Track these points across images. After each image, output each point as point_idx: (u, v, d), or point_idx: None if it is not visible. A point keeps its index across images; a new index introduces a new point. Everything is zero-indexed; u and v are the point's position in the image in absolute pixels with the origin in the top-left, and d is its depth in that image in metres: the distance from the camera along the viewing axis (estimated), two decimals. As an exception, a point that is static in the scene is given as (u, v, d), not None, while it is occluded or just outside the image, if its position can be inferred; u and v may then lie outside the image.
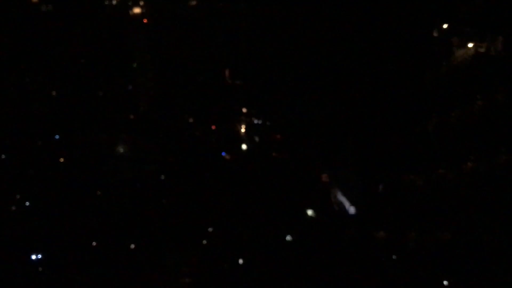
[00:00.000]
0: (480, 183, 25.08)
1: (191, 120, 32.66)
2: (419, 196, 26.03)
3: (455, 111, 26.55)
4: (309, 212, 28.35)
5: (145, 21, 22.26)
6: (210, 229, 27.24)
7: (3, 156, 28.89)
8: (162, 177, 30.30)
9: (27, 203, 27.64)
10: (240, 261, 25.75)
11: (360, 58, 26.63)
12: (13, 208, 27.58)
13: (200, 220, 27.49)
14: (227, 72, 32.65)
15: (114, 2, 31.35)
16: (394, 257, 24.60)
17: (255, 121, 33.22)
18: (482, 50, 26.67)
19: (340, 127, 28.57)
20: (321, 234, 26.55)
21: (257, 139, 32.55)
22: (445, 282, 22.60)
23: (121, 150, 31.90)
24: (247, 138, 32.65)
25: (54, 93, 31.29)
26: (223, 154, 31.68)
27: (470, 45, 26.82)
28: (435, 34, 27.17)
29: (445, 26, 27.15)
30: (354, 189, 28.21)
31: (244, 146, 32.25)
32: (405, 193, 26.50)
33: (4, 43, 29.11)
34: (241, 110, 33.09)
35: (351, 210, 28.46)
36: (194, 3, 32.12)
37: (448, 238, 24.47)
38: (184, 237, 26.40)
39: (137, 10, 31.10)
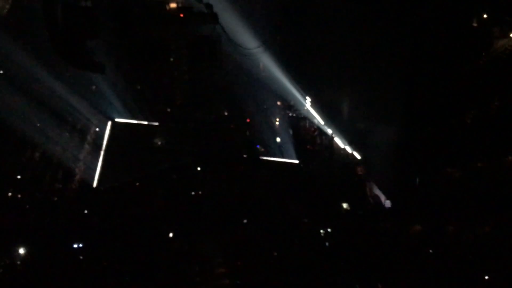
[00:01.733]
0: (521, 177, 24.54)
1: (226, 113, 33.00)
2: (457, 190, 25.61)
3: (495, 103, 25.96)
4: (344, 205, 28.21)
5: (181, 15, 22.50)
6: (245, 221, 27.40)
7: (49, 148, 29.72)
8: (198, 168, 30.71)
9: (68, 193, 28.48)
10: (275, 253, 25.80)
11: (398, 49, 26.28)
12: (55, 198, 28.36)
13: (235, 212, 27.68)
14: (261, 65, 32.74)
15: (151, -3, 31.83)
16: (430, 251, 24.23)
17: (290, 114, 33.29)
18: (524, 40, 26.02)
19: (375, 119, 28.32)
20: (356, 228, 26.39)
21: (291, 132, 32.60)
22: (486, 277, 22.12)
23: (158, 142, 32.48)
24: (281, 131, 32.73)
25: (94, 87, 32.02)
26: (258, 146, 31.85)
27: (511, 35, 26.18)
28: (474, 24, 26.56)
29: (485, 16, 26.50)
30: (390, 182, 27.94)
31: (278, 139, 32.34)
32: (442, 187, 26.11)
33: (44, 37, 29.93)
34: (276, 103, 33.20)
35: (387, 203, 28.21)
36: (228, -4, 32.28)
37: (487, 232, 24.02)
38: (219, 228, 26.62)
39: (173, 4, 31.47)
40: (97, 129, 31.78)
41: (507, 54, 26.06)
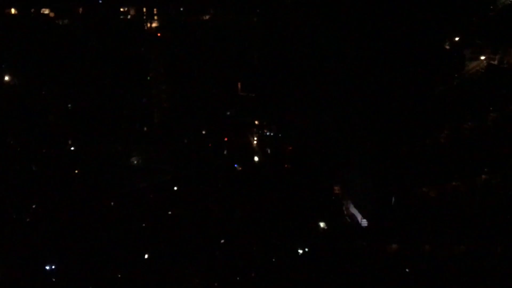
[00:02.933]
0: (494, 195, 24.92)
1: (204, 131, 33.02)
2: (432, 209, 25.88)
3: (468, 124, 26.48)
4: (321, 224, 28.23)
5: (159, 35, 22.63)
6: (222, 241, 27.20)
7: (19, 168, 29.33)
8: (175, 187, 30.55)
9: (42, 213, 28.00)
10: (252, 274, 25.62)
11: (373, 71, 26.72)
12: (28, 219, 27.88)
13: (212, 232, 27.49)
14: (239, 85, 33.00)
15: (129, 17, 32.04)
16: (407, 270, 24.32)
17: (267, 133, 33.45)
18: (494, 62, 26.68)
19: (352, 139, 28.56)
20: (333, 247, 26.38)
21: (269, 150, 32.71)
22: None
23: (135, 161, 32.27)
24: (259, 150, 32.81)
25: (70, 105, 31.84)
26: (235, 165, 31.87)
27: (483, 57, 26.87)
28: (447, 47, 27.22)
29: (457, 38, 27.21)
30: (366, 201, 28.09)
31: (256, 158, 32.40)
32: (418, 206, 26.33)
33: (23, 56, 29.85)
34: (253, 122, 33.35)
35: (364, 222, 28.32)
36: (207, 17, 32.67)
37: (462, 251, 24.25)
38: (196, 248, 26.38)
39: (151, 24, 31.72)
40: (73, 148, 31.52)
41: (478, 76, 26.70)
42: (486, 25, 26.94)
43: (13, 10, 30.96)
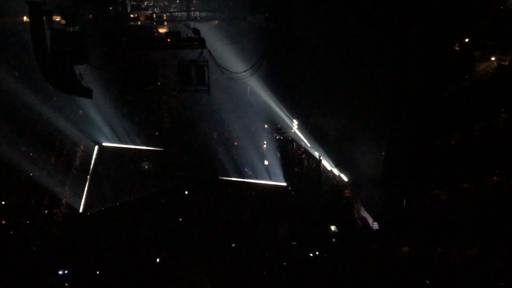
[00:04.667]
0: (507, 197, 24.70)
1: (215, 135, 33.22)
2: (444, 211, 25.72)
3: (479, 125, 26.29)
4: (332, 228, 28.21)
5: (168, 40, 22.64)
6: (233, 245, 27.25)
7: (35, 173, 29.59)
8: (186, 192, 30.70)
9: (54, 218, 28.24)
10: (264, 278, 25.58)
11: (382, 73, 26.65)
12: (42, 225, 28.08)
13: (223, 236, 27.55)
14: (249, 89, 33.15)
15: (139, 23, 32.31)
16: (419, 273, 24.17)
17: (277, 137, 33.59)
18: (505, 63, 26.46)
19: (362, 142, 28.53)
20: (344, 250, 26.33)
21: (279, 154, 32.80)
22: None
23: (146, 166, 32.50)
24: (269, 154, 32.88)
25: (81, 111, 32.07)
26: (246, 169, 31.97)
27: (493, 58, 26.67)
28: (456, 48, 27.05)
29: (466, 39, 27.02)
30: (377, 204, 28.04)
31: (266, 162, 32.48)
32: (429, 208, 26.19)
33: (32, 61, 30.04)
34: (263, 126, 33.47)
35: (375, 225, 28.27)
36: (216, 22, 32.85)
37: (475, 254, 24.07)
38: (207, 252, 26.44)
39: (161, 29, 31.96)
40: (84, 154, 31.77)
41: (488, 77, 26.51)
42: (496, 26, 26.70)
43: (25, 18, 31.33)
